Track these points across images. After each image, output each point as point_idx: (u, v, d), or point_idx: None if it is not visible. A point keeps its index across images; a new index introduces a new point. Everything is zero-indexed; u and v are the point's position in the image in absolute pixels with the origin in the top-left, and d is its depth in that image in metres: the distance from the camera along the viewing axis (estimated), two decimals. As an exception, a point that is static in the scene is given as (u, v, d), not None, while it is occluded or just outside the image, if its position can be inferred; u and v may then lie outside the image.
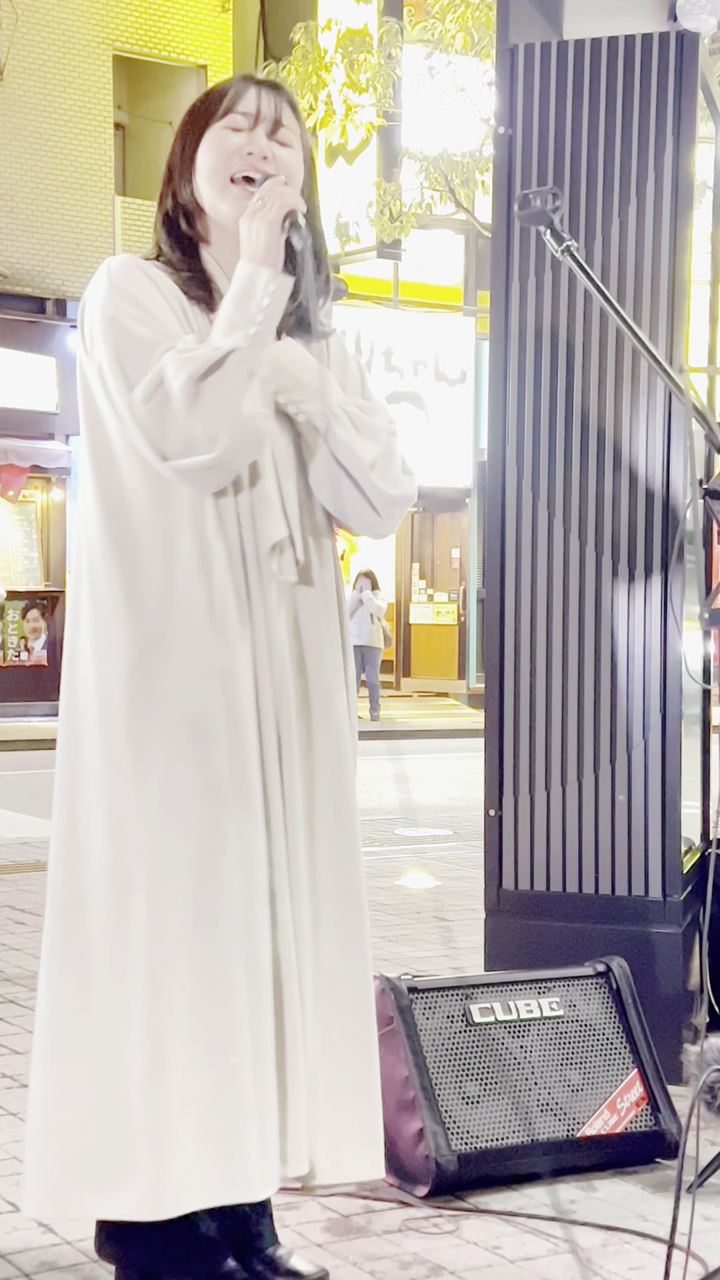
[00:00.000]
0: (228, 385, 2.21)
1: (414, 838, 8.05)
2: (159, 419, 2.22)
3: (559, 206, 2.70)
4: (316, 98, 13.19)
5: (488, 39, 11.82)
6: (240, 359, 2.23)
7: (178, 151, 2.43)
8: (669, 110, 3.58)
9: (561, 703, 3.65)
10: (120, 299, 2.30)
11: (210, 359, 2.22)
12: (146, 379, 2.24)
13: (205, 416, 2.21)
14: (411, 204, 14.22)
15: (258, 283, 2.27)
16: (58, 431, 17.64)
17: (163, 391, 2.22)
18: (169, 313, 2.33)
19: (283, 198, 2.29)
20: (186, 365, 2.21)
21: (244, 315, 2.26)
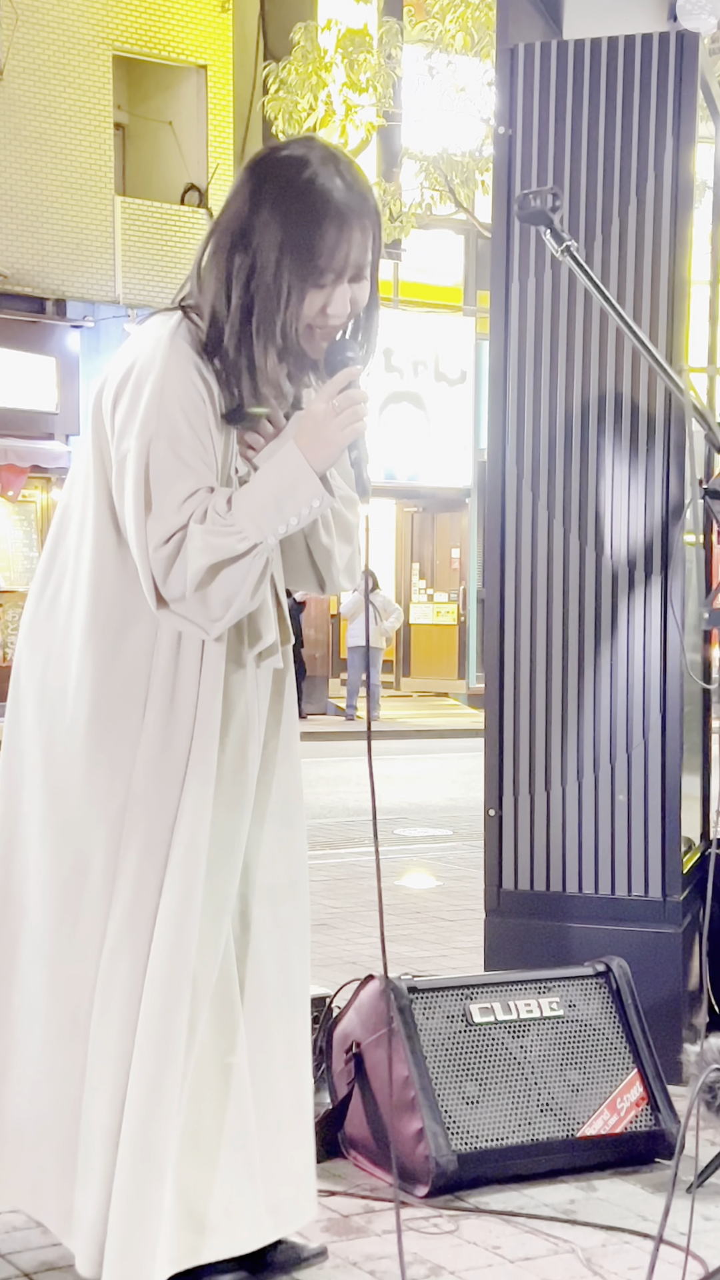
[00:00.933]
0: (240, 577, 2.22)
1: (414, 838, 8.05)
2: (166, 569, 2.22)
3: (559, 206, 2.71)
4: (316, 98, 13.18)
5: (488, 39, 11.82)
6: (260, 553, 2.23)
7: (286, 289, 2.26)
8: (669, 110, 3.58)
9: (561, 703, 3.65)
10: (166, 411, 2.24)
11: (235, 550, 2.21)
12: (167, 523, 2.21)
13: (211, 600, 2.23)
14: (411, 204, 14.21)
15: (304, 488, 2.25)
16: (58, 431, 17.64)
17: (176, 546, 2.21)
18: (208, 436, 2.27)
19: (356, 419, 2.26)
20: (210, 552, 2.20)
21: (280, 512, 2.24)
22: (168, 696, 2.33)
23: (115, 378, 2.30)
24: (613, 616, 3.61)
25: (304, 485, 2.25)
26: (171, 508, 2.21)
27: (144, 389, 2.25)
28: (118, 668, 2.33)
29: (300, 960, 2.49)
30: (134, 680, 2.33)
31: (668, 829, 3.58)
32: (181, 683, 2.33)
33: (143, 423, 2.23)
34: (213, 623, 2.25)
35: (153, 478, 2.22)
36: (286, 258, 2.24)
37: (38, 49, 17.84)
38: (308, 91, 13.09)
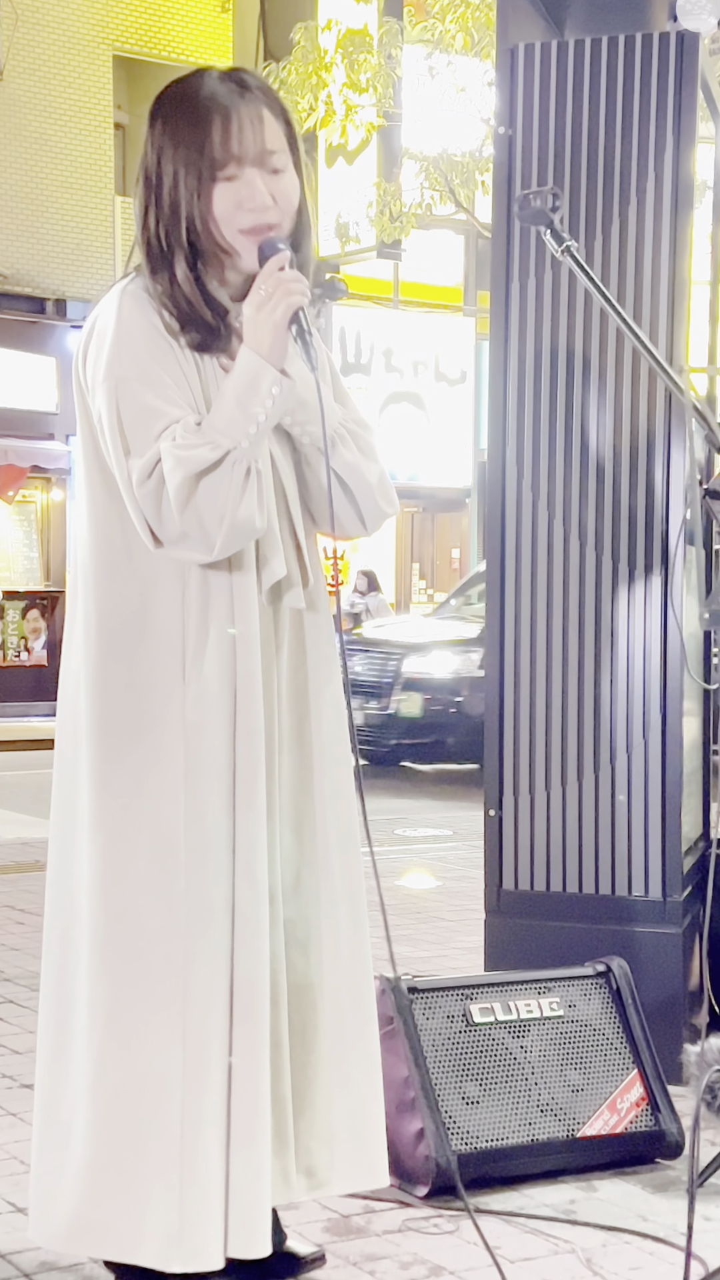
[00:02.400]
0: (223, 486, 2.20)
1: (414, 838, 8.05)
2: (155, 504, 2.21)
3: (559, 206, 2.70)
4: (316, 98, 13.18)
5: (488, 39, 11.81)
6: (236, 459, 2.21)
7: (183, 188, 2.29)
8: (669, 110, 3.58)
9: (561, 703, 3.65)
10: (129, 357, 2.25)
11: (208, 459, 2.19)
12: (145, 458, 2.21)
13: (200, 517, 2.20)
14: (411, 204, 14.21)
15: (262, 382, 2.24)
16: (58, 431, 17.64)
17: (158, 477, 2.20)
18: (177, 373, 2.27)
19: (289, 294, 2.25)
20: (183, 464, 2.19)
21: (245, 413, 2.23)
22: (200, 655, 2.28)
23: (81, 346, 2.33)
24: (613, 616, 3.61)
25: (261, 378, 2.24)
26: (148, 444, 2.21)
27: (105, 340, 2.27)
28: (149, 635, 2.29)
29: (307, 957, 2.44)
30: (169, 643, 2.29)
31: (668, 829, 3.58)
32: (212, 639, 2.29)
33: (107, 371, 2.25)
34: (210, 548, 2.21)
35: (125, 421, 2.23)
36: (180, 165, 2.28)
37: (38, 49, 17.84)
38: (308, 91, 13.08)
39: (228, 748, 2.28)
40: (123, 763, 2.30)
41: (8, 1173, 3.08)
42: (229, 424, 2.22)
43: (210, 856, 2.27)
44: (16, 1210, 2.87)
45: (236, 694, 2.28)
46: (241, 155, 2.28)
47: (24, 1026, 4.16)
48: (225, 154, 2.28)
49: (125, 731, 2.30)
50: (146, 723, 2.29)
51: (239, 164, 2.29)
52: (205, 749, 2.27)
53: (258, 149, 2.29)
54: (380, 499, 2.47)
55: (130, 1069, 2.28)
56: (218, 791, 2.28)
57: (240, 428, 2.22)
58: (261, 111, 2.31)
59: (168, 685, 2.28)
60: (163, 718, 2.28)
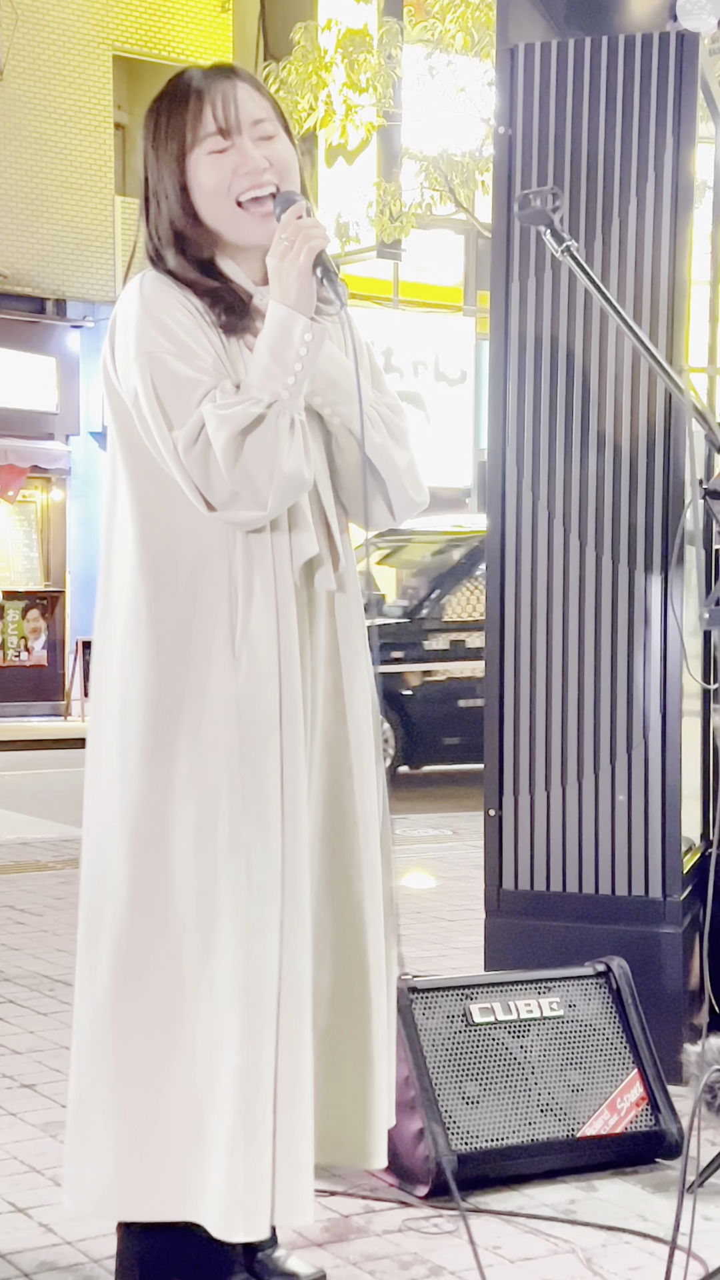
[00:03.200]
0: (269, 439, 2.20)
1: (414, 838, 8.05)
2: (203, 470, 2.21)
3: (559, 206, 2.70)
4: (316, 98, 13.17)
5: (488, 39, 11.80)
6: (280, 410, 2.21)
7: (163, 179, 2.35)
8: (669, 110, 3.58)
9: (561, 703, 3.65)
10: (157, 333, 2.26)
11: (251, 414, 2.20)
12: (188, 426, 2.21)
13: (249, 473, 2.19)
14: (411, 204, 14.20)
15: (294, 331, 2.24)
16: (58, 431, 17.65)
17: (204, 441, 2.20)
18: (206, 343, 2.29)
19: (309, 239, 2.26)
20: (228, 423, 2.19)
21: (281, 365, 2.23)
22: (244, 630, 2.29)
23: (107, 340, 2.35)
24: (613, 616, 3.61)
25: (292, 327, 2.24)
26: (188, 413, 2.22)
27: (130, 323, 2.28)
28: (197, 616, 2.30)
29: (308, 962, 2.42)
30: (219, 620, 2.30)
31: (668, 829, 3.58)
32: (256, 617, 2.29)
33: (137, 349, 2.26)
34: (263, 504, 2.21)
35: (163, 395, 2.23)
36: (164, 155, 2.33)
37: (38, 49, 17.85)
38: (308, 91, 13.08)
39: (276, 723, 2.29)
40: (178, 735, 2.29)
41: (8, 1173, 3.08)
42: (267, 378, 2.23)
43: (268, 829, 2.28)
44: (17, 1210, 2.87)
45: (281, 670, 2.30)
46: (227, 126, 2.31)
47: (24, 1027, 4.16)
48: (202, 130, 2.31)
49: (180, 705, 2.29)
50: (201, 697, 2.29)
51: (226, 134, 2.31)
52: (257, 723, 2.28)
53: (242, 117, 2.32)
54: (410, 487, 2.46)
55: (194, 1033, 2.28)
56: (270, 767, 2.29)
57: (279, 380, 2.23)
58: (237, 85, 2.34)
59: (221, 661, 2.29)
60: (217, 692, 2.28)
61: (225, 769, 2.28)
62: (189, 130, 2.32)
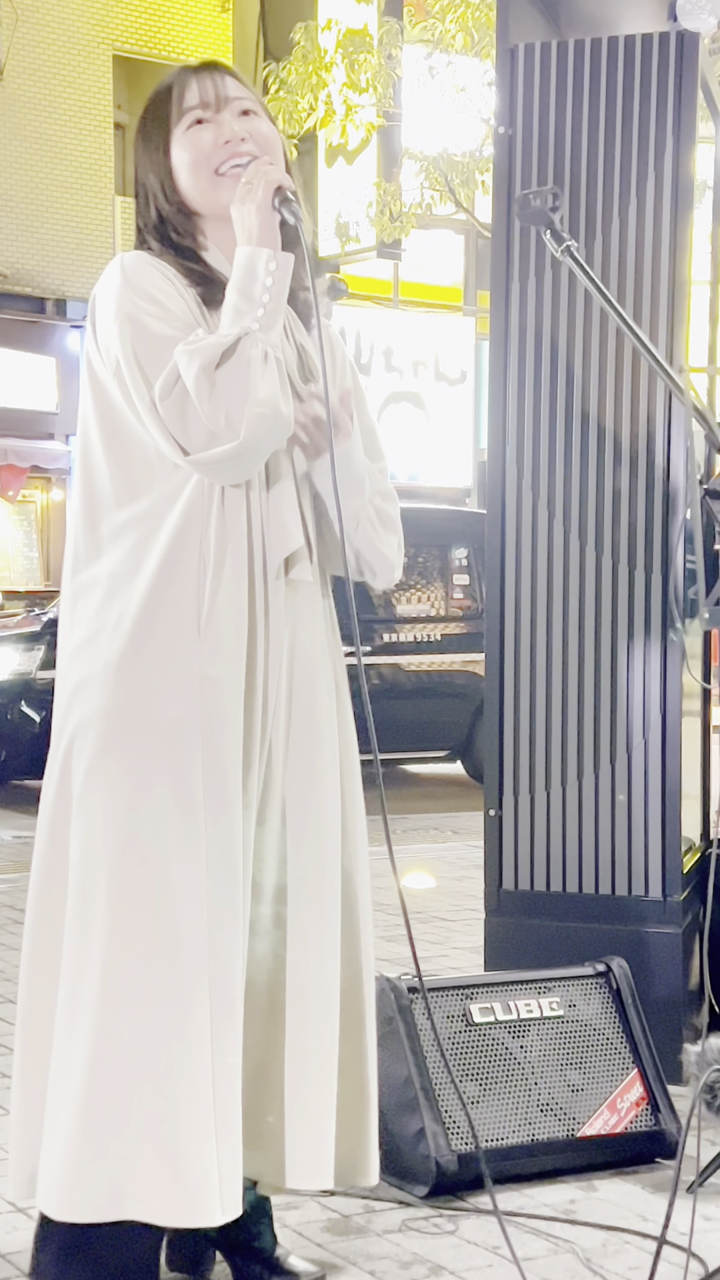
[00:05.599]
0: (241, 371, 2.18)
1: (414, 838, 8.04)
2: (179, 414, 2.19)
3: (559, 206, 2.70)
4: (316, 98, 13.16)
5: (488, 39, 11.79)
6: (252, 342, 2.20)
7: (148, 165, 2.40)
8: (669, 110, 3.58)
9: (561, 703, 3.65)
10: (136, 295, 2.27)
11: (221, 345, 2.18)
12: (164, 375, 2.20)
13: (222, 405, 2.17)
14: (411, 204, 14.19)
15: (258, 264, 2.24)
16: (58, 431, 17.64)
17: (180, 386, 2.19)
18: (184, 307, 2.30)
19: (267, 175, 2.27)
20: (198, 356, 2.18)
21: (249, 300, 2.23)
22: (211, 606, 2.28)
23: (89, 318, 2.36)
24: (613, 616, 3.61)
25: (256, 261, 2.25)
26: (164, 365, 2.21)
27: (110, 292, 2.30)
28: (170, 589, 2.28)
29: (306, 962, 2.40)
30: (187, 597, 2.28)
31: (668, 829, 3.58)
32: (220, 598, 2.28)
33: (117, 312, 2.27)
34: (237, 431, 2.17)
35: (141, 355, 2.24)
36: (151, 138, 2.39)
37: (38, 49, 17.84)
38: (308, 91, 13.06)
39: (239, 707, 2.28)
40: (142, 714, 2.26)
41: (7, 1172, 3.07)
42: (235, 314, 2.23)
43: (229, 818, 2.26)
44: (16, 1210, 2.87)
45: (253, 654, 2.29)
46: (205, 101, 2.35)
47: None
48: (188, 104, 2.35)
49: (147, 683, 2.27)
50: (167, 676, 2.26)
51: (204, 108, 2.35)
52: (222, 705, 2.26)
53: (221, 94, 2.36)
54: (396, 569, 2.51)
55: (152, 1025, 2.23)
56: (232, 750, 2.27)
57: (248, 315, 2.22)
58: (218, 72, 2.39)
59: (187, 639, 2.26)
60: (182, 672, 2.26)
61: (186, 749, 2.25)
62: (173, 110, 2.37)
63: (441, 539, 10.83)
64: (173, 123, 2.37)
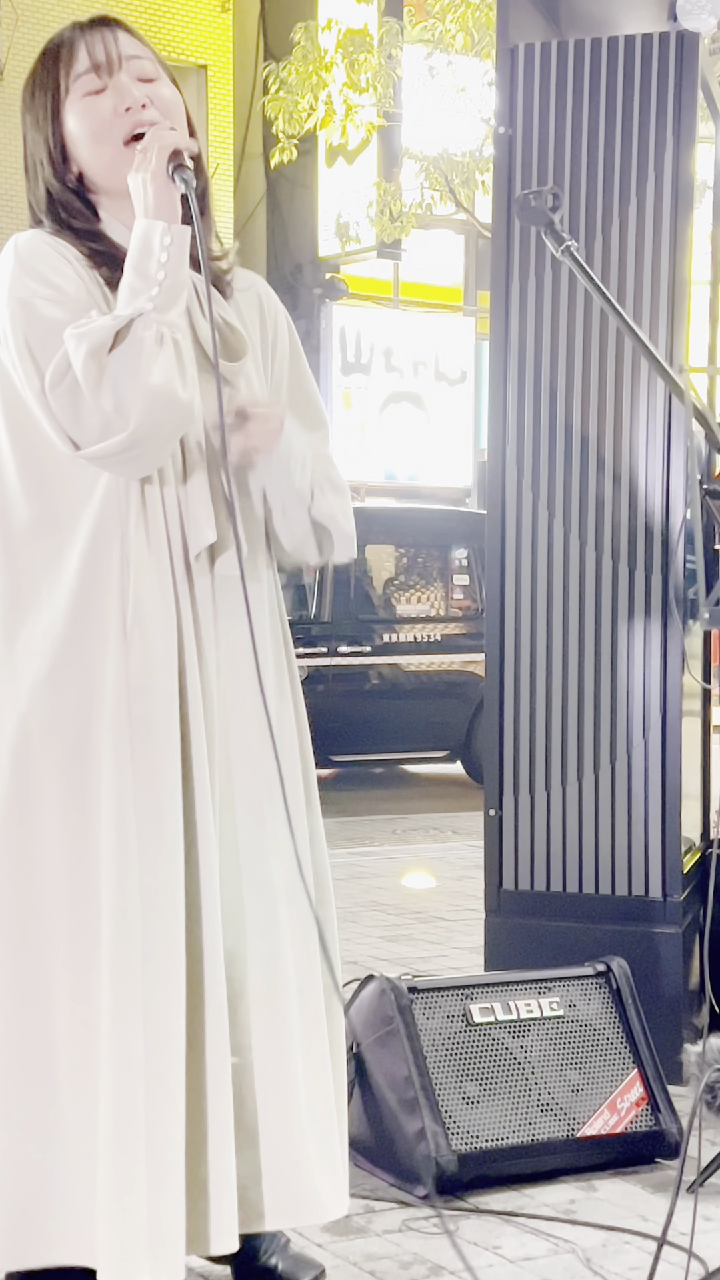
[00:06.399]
0: (134, 355, 2.02)
1: (414, 838, 8.05)
2: (71, 404, 2.03)
3: (559, 206, 2.70)
4: (316, 98, 13.15)
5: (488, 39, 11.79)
6: (146, 324, 2.04)
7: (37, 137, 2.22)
8: (669, 110, 3.58)
9: (561, 703, 3.65)
10: (29, 278, 2.12)
11: (113, 328, 2.03)
12: (54, 362, 2.05)
13: (113, 391, 2.01)
14: (411, 204, 14.19)
15: (153, 239, 2.08)
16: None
17: (72, 374, 2.03)
18: (81, 289, 2.14)
19: (162, 141, 2.11)
20: (86, 339, 2.02)
21: (144, 278, 2.07)
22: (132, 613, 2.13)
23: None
24: (613, 616, 3.61)
25: (151, 235, 2.09)
26: (55, 351, 2.06)
27: (4, 277, 2.15)
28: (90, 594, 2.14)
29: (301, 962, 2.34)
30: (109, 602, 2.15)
31: (668, 829, 3.58)
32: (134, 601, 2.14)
33: (9, 298, 2.12)
34: (128, 419, 2.01)
35: (32, 340, 2.09)
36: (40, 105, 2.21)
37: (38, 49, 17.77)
38: (308, 91, 13.06)
39: (174, 712, 2.15)
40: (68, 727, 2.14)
41: None
42: (130, 294, 2.08)
43: (164, 832, 2.14)
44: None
45: (182, 656, 2.16)
46: (97, 62, 2.19)
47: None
48: (79, 68, 2.19)
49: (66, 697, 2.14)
50: (89, 687, 2.14)
51: (99, 73, 2.19)
52: (153, 714, 2.14)
53: (115, 54, 2.19)
54: (354, 540, 2.39)
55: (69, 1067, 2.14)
56: (166, 759, 2.14)
57: (142, 293, 2.07)
58: (111, 28, 2.22)
59: (110, 647, 2.14)
60: (105, 681, 2.14)
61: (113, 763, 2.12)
62: (62, 76, 2.20)
63: (441, 539, 10.84)
64: (63, 89, 2.20)
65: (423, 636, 10.46)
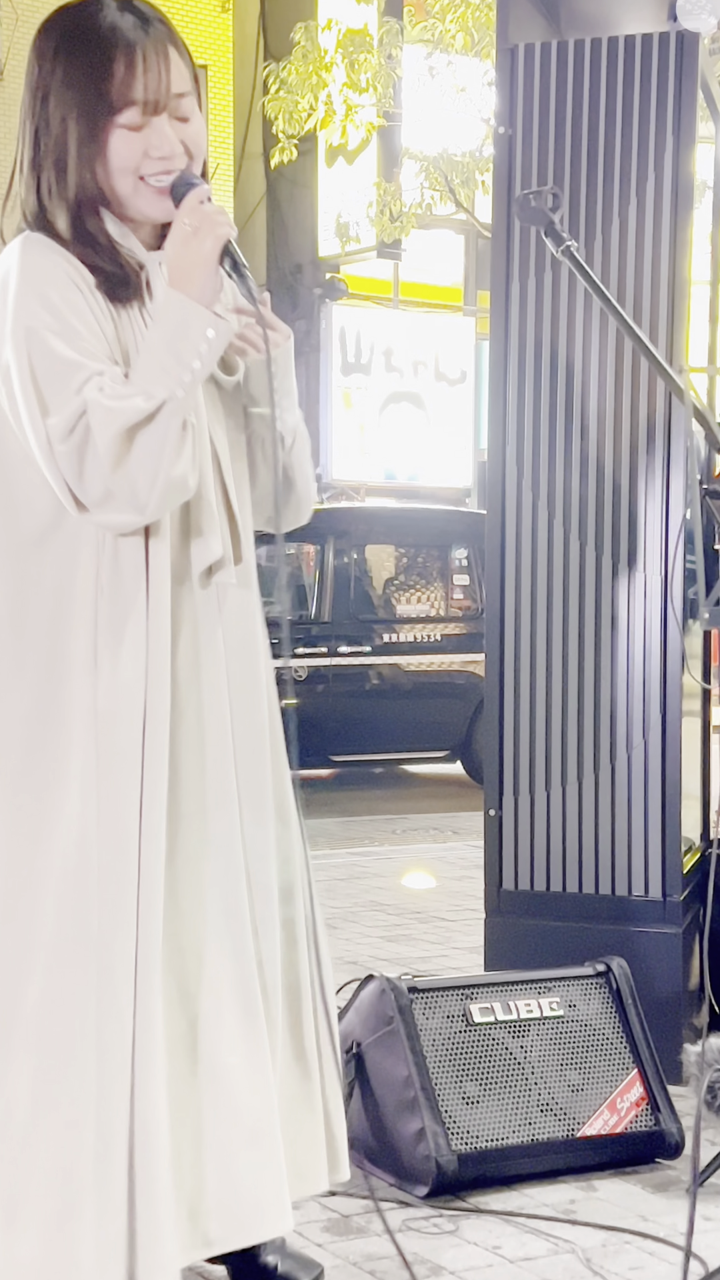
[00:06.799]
0: (158, 440, 2.01)
1: (414, 838, 8.05)
2: (77, 463, 2.01)
3: (559, 206, 2.70)
4: (316, 98, 13.15)
5: (488, 39, 11.79)
6: (173, 411, 2.02)
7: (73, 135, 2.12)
8: (669, 110, 3.58)
9: (561, 703, 3.65)
10: (39, 305, 2.06)
11: (143, 410, 2.00)
12: (66, 412, 2.01)
13: (133, 474, 2.01)
14: (411, 204, 14.20)
15: (192, 325, 2.06)
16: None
17: (82, 432, 2.00)
18: (92, 322, 2.10)
19: (215, 227, 2.09)
20: (117, 417, 1.99)
21: (178, 360, 2.05)
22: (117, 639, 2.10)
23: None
24: (613, 616, 3.61)
25: (193, 321, 2.06)
26: (67, 399, 2.01)
27: (9, 290, 2.07)
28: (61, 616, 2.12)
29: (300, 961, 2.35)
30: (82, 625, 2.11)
31: (668, 829, 3.58)
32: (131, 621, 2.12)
33: (14, 322, 2.05)
34: (142, 508, 2.02)
35: (40, 377, 2.03)
36: (72, 110, 2.11)
37: (38, 49, 17.83)
38: (308, 91, 13.06)
39: (138, 738, 2.12)
40: (27, 754, 2.12)
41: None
42: (161, 372, 2.04)
43: (123, 856, 2.11)
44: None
45: (148, 682, 2.12)
46: (148, 100, 2.12)
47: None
48: (128, 98, 2.11)
49: (30, 720, 2.12)
50: (54, 711, 2.11)
51: (144, 111, 2.12)
52: (118, 740, 2.11)
53: (167, 93, 2.13)
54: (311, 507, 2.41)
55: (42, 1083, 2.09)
56: (129, 785, 2.11)
57: (174, 376, 2.04)
58: (168, 49, 2.14)
59: (79, 671, 2.11)
60: (71, 706, 2.11)
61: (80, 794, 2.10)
62: (114, 95, 2.11)
63: (441, 539, 10.84)
64: (114, 107, 2.11)
65: (423, 636, 10.45)
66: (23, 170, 2.17)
